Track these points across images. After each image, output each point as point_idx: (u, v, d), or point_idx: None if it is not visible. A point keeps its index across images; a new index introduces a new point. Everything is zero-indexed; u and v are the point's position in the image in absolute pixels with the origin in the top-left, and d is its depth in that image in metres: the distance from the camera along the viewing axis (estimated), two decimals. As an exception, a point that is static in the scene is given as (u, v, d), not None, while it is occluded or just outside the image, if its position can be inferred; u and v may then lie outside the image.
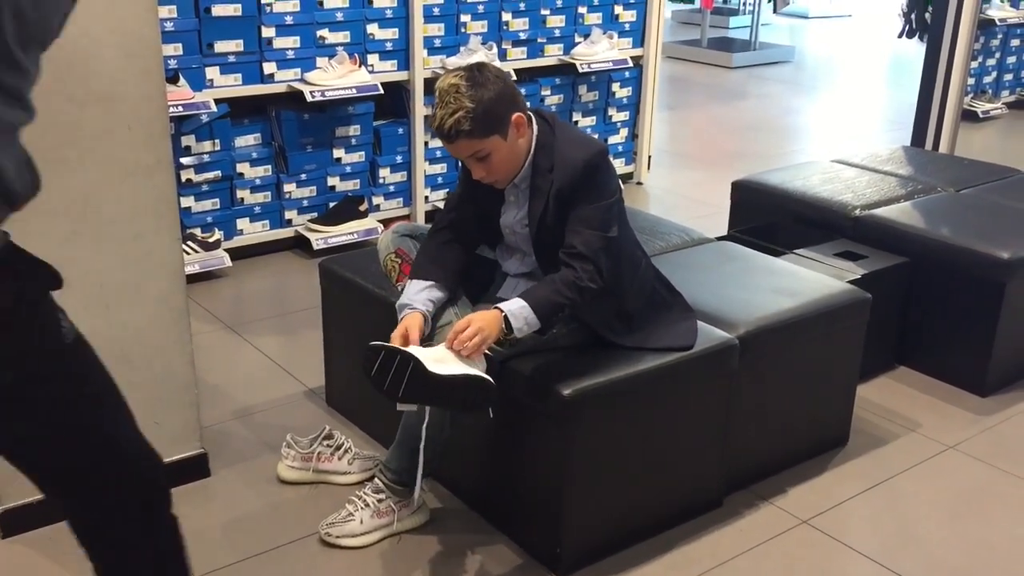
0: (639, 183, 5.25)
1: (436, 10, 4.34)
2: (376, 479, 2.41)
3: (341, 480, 2.61)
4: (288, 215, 4.25)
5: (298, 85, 4.04)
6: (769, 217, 3.70)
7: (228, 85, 3.92)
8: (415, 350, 2.12)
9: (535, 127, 2.25)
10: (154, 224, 2.40)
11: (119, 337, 2.43)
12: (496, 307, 2.18)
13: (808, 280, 2.85)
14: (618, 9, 4.94)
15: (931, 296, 3.28)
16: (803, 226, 3.57)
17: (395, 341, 2.18)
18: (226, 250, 4.03)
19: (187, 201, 3.97)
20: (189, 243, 3.90)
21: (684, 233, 3.20)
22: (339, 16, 4.10)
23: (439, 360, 2.11)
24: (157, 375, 2.52)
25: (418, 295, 2.29)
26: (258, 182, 4.13)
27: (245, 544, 2.39)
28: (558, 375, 2.22)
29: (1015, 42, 7.19)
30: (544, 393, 2.21)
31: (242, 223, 4.15)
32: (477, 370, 2.12)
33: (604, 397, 2.23)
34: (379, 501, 2.38)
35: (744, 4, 10.33)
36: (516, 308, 2.17)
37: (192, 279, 3.89)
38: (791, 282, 2.81)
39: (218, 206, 4.07)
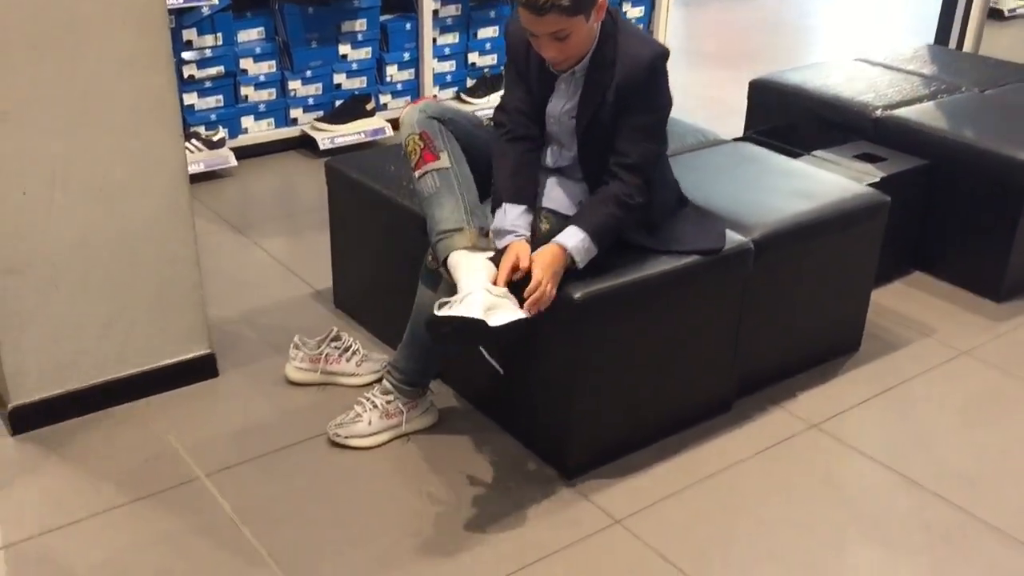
0: (653, 83, 5.11)
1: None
2: (384, 380, 2.40)
3: (349, 382, 2.60)
4: (293, 113, 4.16)
5: (302, -23, 3.90)
6: (787, 118, 3.60)
7: (229, -23, 3.79)
8: (474, 307, 2.02)
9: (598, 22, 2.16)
10: (154, 120, 2.34)
11: (122, 237, 2.39)
12: (556, 243, 2.15)
13: (825, 182, 2.78)
14: (634, -102, 4.74)
15: (951, 200, 3.21)
16: (822, 127, 3.47)
17: (505, 270, 2.10)
18: (231, 149, 3.95)
19: (190, 98, 3.88)
20: (193, 141, 3.83)
21: (700, 134, 3.11)
22: (343, -96, 3.94)
23: (490, 308, 2.04)
24: (162, 275, 2.48)
25: (519, 219, 2.20)
26: (262, 79, 4.03)
27: (253, 444, 2.39)
28: (569, 278, 2.18)
29: (1047, -64, 6.91)
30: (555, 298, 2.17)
31: (246, 121, 4.07)
32: (516, 308, 2.07)
33: (615, 301, 2.19)
34: (387, 402, 2.37)
35: None
36: (577, 242, 2.14)
37: (196, 179, 3.84)
38: (808, 184, 2.74)
39: (222, 103, 3.98)
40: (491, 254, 2.17)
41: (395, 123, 4.13)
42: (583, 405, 2.25)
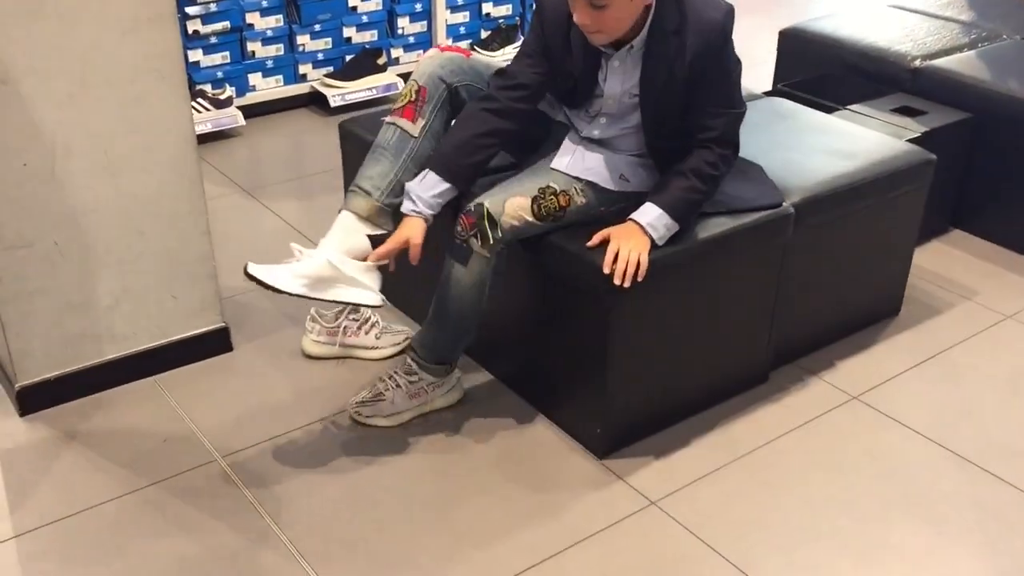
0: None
1: None
2: (409, 360, 2.29)
3: (369, 355, 2.50)
4: (303, 69, 4.01)
5: (309, -74, 3.73)
6: (819, 69, 3.44)
7: (233, -74, 3.63)
8: (290, 280, 2.05)
9: None
10: (159, 84, 2.21)
11: (129, 208, 2.28)
12: (631, 219, 2.04)
13: (866, 140, 2.63)
14: None
15: (993, 154, 3.06)
16: (857, 79, 3.31)
17: (388, 247, 2.08)
18: (238, 108, 3.82)
19: (195, 55, 3.74)
20: (199, 100, 3.70)
21: (730, 88, 2.96)
22: None
23: (324, 280, 2.05)
24: (172, 247, 2.37)
25: (433, 197, 2.10)
26: (269, 33, 3.87)
27: (271, 424, 2.30)
28: (600, 248, 2.06)
29: None
30: (586, 268, 2.05)
31: (254, 78, 3.92)
32: (363, 289, 2.07)
33: (650, 271, 2.07)
34: (411, 383, 2.26)
35: None
36: (653, 218, 2.04)
37: (203, 139, 3.71)
38: (847, 142, 2.60)
39: (228, 60, 3.83)
40: (378, 233, 2.12)
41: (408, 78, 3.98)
42: (616, 380, 2.14)
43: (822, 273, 2.49)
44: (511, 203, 2.05)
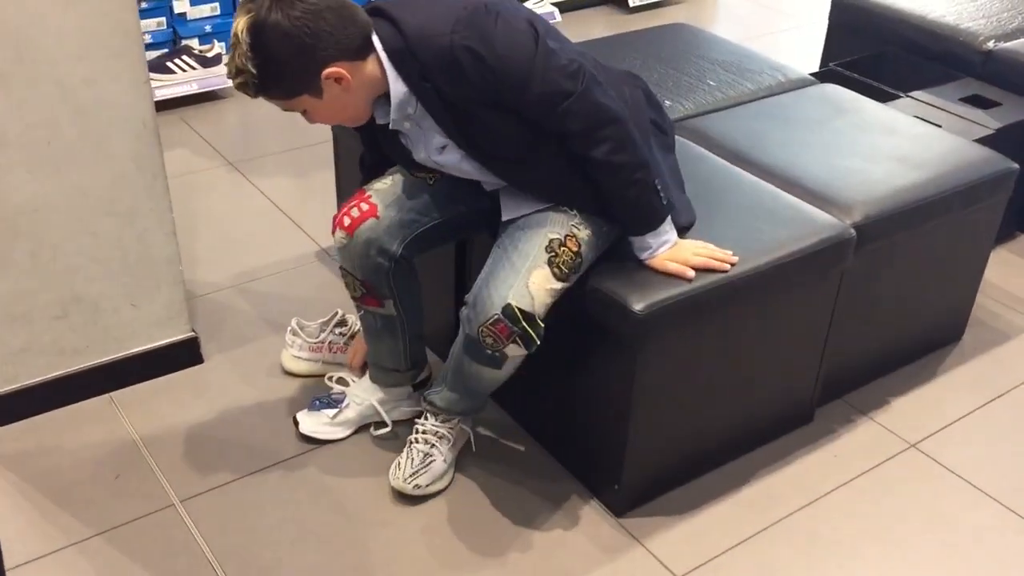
0: (708, -11, 4.52)
1: None
2: (432, 413, 1.95)
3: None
4: (301, 24, 3.63)
5: None
6: (876, 45, 3.05)
7: None
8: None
9: (377, 46, 1.61)
10: (112, 62, 1.86)
11: (78, 206, 1.95)
12: (645, 263, 1.77)
13: (938, 143, 2.27)
14: None
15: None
16: (920, 60, 2.93)
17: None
18: (229, 66, 3.46)
19: (180, 5, 3.38)
20: (183, 58, 3.34)
21: (777, 72, 2.59)
22: None
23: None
24: (131, 250, 2.05)
25: None
26: (264, -16, 3.49)
27: (240, 458, 1.99)
28: (626, 284, 1.73)
29: None
30: (611, 308, 1.72)
31: (247, 33, 3.55)
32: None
33: (683, 312, 1.74)
34: (451, 429, 1.94)
35: None
36: (647, 240, 1.75)
37: (189, 101, 3.38)
38: (916, 146, 2.24)
39: (217, 11, 3.46)
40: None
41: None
42: (640, 432, 1.83)
43: (881, 300, 2.16)
44: (534, 284, 1.68)
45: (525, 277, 1.68)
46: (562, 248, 1.72)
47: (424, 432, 1.94)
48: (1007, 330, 2.47)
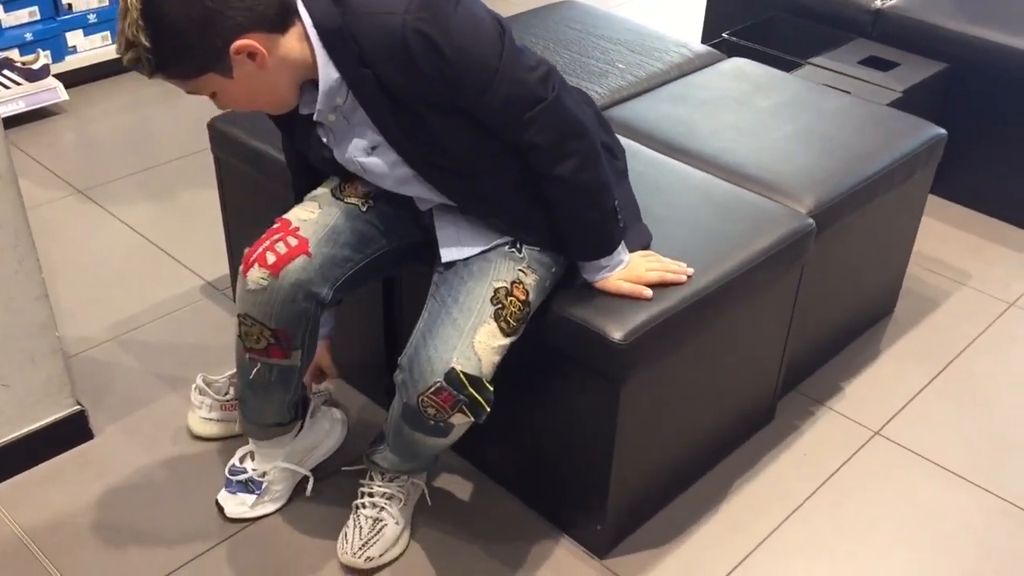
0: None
1: None
2: (377, 482, 1.72)
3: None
4: (136, 23, 3.24)
5: None
6: (761, 11, 2.97)
7: None
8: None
9: (304, 21, 1.36)
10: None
11: (-77, 280, 1.60)
12: (595, 285, 1.58)
13: (863, 113, 2.19)
14: None
15: (972, 110, 2.69)
16: (810, 23, 2.87)
17: (309, 379, 1.83)
18: (56, 76, 3.05)
19: (-7, 13, 2.94)
20: (5, 73, 2.92)
21: (684, 48, 2.46)
22: None
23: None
24: (-7, 322, 1.72)
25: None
26: (89, -19, 3.10)
27: (152, 556, 1.70)
28: (597, 310, 1.55)
29: None
30: (585, 339, 1.54)
31: (73, 38, 3.15)
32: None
33: (667, 333, 1.58)
34: (401, 487, 1.72)
35: None
36: (596, 265, 1.57)
37: (16, 121, 2.97)
38: (845, 121, 2.14)
39: (38, 16, 3.04)
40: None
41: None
42: (623, 469, 1.66)
43: (833, 285, 2.07)
44: (479, 344, 1.46)
45: (469, 336, 1.46)
46: (509, 299, 1.50)
47: (371, 495, 1.71)
48: (934, 296, 2.44)
